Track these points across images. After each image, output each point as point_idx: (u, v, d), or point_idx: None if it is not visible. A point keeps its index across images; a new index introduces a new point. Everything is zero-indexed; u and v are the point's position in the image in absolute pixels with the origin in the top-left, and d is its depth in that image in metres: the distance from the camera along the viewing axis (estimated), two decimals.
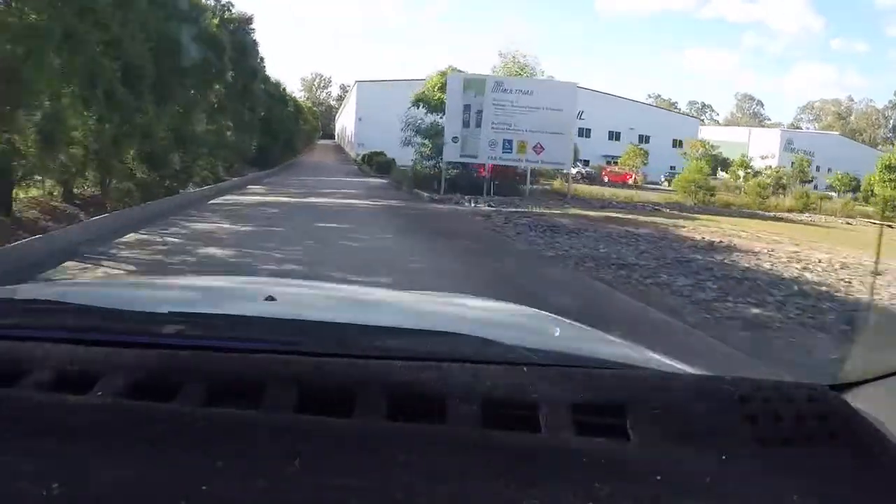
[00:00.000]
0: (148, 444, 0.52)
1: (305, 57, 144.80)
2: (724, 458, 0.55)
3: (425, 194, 18.00)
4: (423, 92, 20.98)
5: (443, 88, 19.54)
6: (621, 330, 1.31)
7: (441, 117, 19.56)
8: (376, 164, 31.04)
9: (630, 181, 32.83)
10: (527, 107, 18.40)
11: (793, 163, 39.79)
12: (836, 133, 65.73)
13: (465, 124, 18.59)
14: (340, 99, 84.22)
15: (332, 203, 13.98)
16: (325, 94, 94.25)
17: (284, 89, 33.72)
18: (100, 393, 0.61)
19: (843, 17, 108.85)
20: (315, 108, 77.30)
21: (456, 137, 18.51)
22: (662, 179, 38.16)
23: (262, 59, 23.57)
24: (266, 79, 26.94)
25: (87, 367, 0.65)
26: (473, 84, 18.91)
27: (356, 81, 51.03)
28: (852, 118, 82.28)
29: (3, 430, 0.53)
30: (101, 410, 0.57)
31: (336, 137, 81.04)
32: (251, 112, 21.61)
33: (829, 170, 41.49)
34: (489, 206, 15.69)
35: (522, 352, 0.81)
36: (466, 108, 18.58)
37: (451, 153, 18.74)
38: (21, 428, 0.54)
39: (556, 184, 23.06)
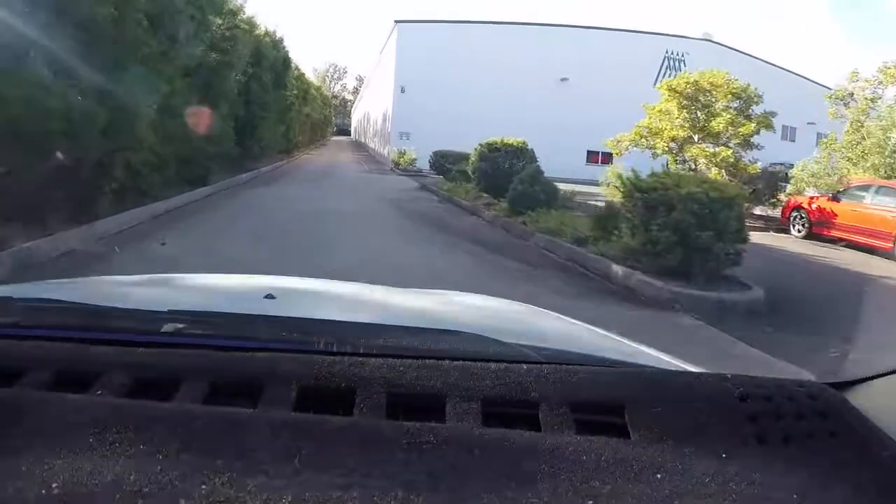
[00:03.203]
0: (148, 442, 0.52)
1: (320, 47, 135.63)
2: (724, 455, 0.56)
3: None
4: None
5: None
6: None
7: None
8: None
9: None
10: None
11: None
12: None
13: None
14: (356, 92, 79.47)
15: None
16: (339, 87, 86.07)
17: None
18: (99, 392, 0.61)
19: None
20: (328, 94, 62.38)
21: None
22: None
23: None
24: None
25: (86, 366, 0.65)
26: None
27: (396, 22, 28.42)
28: None
29: (3, 429, 0.53)
30: (101, 409, 0.57)
31: (353, 133, 72.88)
32: None
33: None
34: None
35: (522, 350, 0.80)
36: None
37: None
38: (21, 427, 0.54)
39: None
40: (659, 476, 0.52)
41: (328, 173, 18.32)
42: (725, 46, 32.28)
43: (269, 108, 15.74)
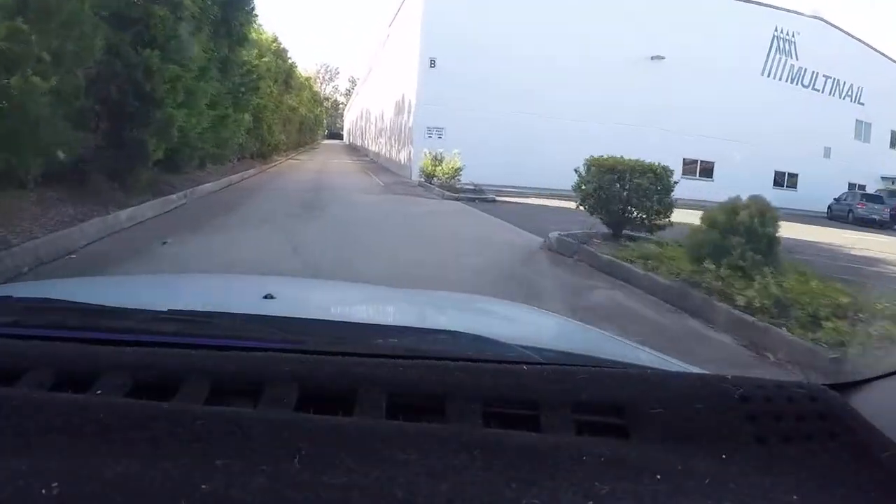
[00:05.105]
0: (148, 442, 0.52)
1: (312, 46, 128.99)
2: (724, 457, 0.56)
3: None
4: None
5: None
6: None
7: None
8: None
9: None
10: None
11: None
12: None
13: None
14: (349, 94, 73.70)
15: None
16: (331, 89, 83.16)
17: None
18: (99, 392, 0.61)
19: None
20: (319, 90, 57.42)
21: None
22: None
23: None
24: None
25: (86, 366, 0.64)
26: None
27: None
28: None
29: (3, 429, 0.53)
30: (101, 409, 0.56)
31: (346, 136, 69.08)
32: None
33: None
34: None
35: (522, 350, 0.80)
36: None
37: None
38: (20, 427, 0.53)
39: None
40: (659, 476, 0.52)
41: (319, 196, 10.98)
42: (835, 27, 25.48)
43: (194, 62, 7.87)
